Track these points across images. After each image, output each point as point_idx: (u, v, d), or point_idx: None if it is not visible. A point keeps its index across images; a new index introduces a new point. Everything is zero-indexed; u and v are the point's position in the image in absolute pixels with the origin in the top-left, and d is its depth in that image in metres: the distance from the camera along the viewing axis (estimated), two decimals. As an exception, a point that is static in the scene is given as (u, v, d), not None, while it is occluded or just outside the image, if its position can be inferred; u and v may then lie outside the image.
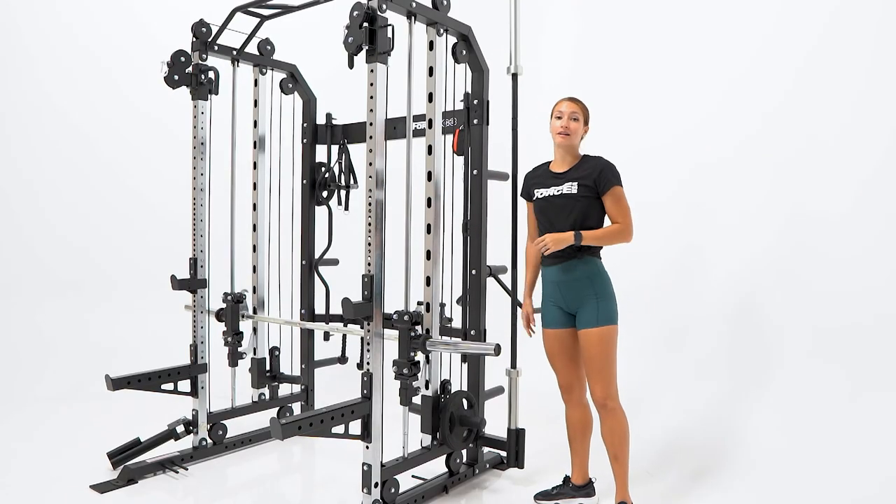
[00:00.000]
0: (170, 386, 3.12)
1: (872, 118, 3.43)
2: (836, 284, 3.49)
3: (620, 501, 2.54)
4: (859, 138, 3.47)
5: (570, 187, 2.54)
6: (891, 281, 3.32)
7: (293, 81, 3.68)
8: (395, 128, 3.28)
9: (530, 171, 2.78)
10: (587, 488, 2.74)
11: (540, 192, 2.64)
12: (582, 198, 2.52)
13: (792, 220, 3.69)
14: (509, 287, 3.04)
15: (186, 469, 3.07)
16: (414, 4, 2.55)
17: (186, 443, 3.22)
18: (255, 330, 3.54)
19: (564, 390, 2.71)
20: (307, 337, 3.77)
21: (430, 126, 2.71)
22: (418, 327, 2.62)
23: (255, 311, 3.53)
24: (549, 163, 2.72)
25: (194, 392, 3.19)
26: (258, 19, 3.34)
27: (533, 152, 3.81)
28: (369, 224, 2.44)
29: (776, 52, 3.81)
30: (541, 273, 2.73)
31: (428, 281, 2.73)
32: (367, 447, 2.46)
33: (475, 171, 2.99)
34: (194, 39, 3.20)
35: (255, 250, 3.58)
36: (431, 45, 2.69)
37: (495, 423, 3.10)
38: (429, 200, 2.72)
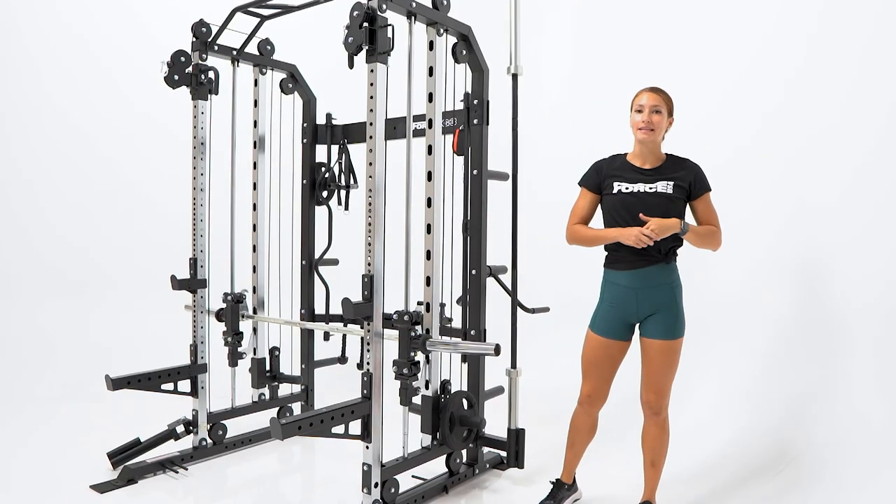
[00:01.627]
0: (170, 386, 3.12)
1: (873, 117, 3.43)
2: (839, 283, 3.48)
3: (646, 500, 2.53)
4: (860, 137, 3.47)
5: (666, 186, 2.41)
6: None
7: (293, 81, 3.68)
8: (395, 128, 3.28)
9: (604, 161, 2.56)
10: (574, 484, 2.74)
11: (624, 186, 2.44)
12: (676, 199, 2.41)
13: (793, 219, 3.69)
14: (509, 287, 3.04)
15: (186, 469, 3.07)
16: (414, 4, 2.55)
17: (186, 443, 3.22)
18: (255, 330, 3.54)
19: (585, 399, 2.58)
20: (307, 337, 3.76)
21: (430, 126, 2.71)
22: (418, 327, 2.62)
23: (255, 311, 3.53)
24: (625, 155, 2.54)
25: (194, 392, 3.19)
26: (258, 19, 3.34)
27: (533, 152, 3.82)
28: (369, 224, 2.44)
29: (776, 52, 3.81)
30: (607, 276, 2.54)
31: (428, 281, 2.73)
32: (367, 447, 2.46)
33: (475, 171, 2.99)
34: (194, 39, 3.20)
35: (255, 250, 3.58)
36: (431, 45, 2.69)
37: (495, 423, 3.10)
38: (429, 200, 2.71)
